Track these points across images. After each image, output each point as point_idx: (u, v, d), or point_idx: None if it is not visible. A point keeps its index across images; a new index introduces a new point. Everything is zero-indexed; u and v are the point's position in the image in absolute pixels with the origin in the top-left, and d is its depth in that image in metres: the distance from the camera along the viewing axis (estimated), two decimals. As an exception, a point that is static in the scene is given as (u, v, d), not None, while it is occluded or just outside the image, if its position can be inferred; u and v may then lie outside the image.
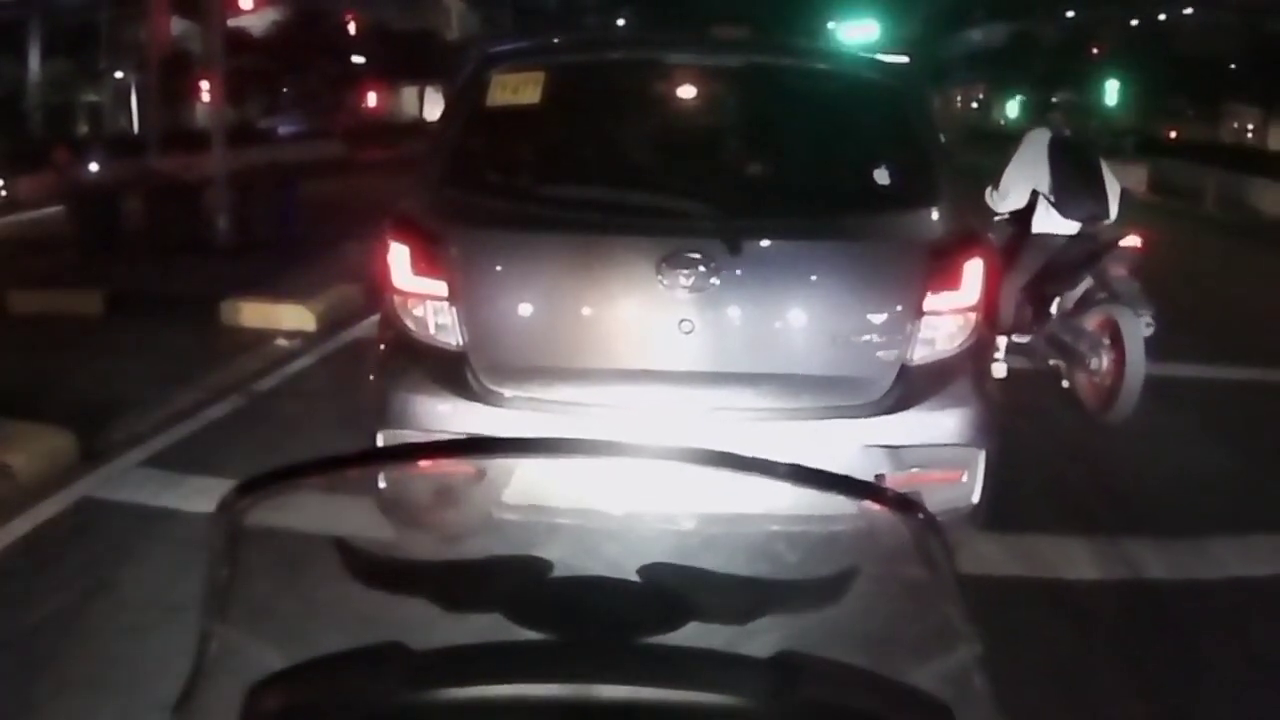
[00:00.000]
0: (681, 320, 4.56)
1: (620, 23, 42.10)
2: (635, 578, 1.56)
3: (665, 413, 4.58)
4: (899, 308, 4.67)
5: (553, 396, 4.60)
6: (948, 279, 4.68)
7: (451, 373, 4.64)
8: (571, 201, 4.95)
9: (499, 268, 4.71)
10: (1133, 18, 50.64)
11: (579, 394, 4.60)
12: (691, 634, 1.50)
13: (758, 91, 5.31)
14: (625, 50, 5.81)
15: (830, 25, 44.64)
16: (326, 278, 11.63)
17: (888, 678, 1.55)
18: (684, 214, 4.79)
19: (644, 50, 5.66)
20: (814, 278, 4.76)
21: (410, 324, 4.69)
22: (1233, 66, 45.01)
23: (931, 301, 4.65)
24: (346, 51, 43.89)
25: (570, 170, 5.22)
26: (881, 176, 5.26)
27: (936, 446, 4.68)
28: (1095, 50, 49.88)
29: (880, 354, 4.66)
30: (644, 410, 4.58)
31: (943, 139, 5.31)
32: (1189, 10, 49.88)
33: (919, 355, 4.66)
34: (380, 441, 4.62)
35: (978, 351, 4.84)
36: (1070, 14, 54.37)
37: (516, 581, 1.58)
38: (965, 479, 4.68)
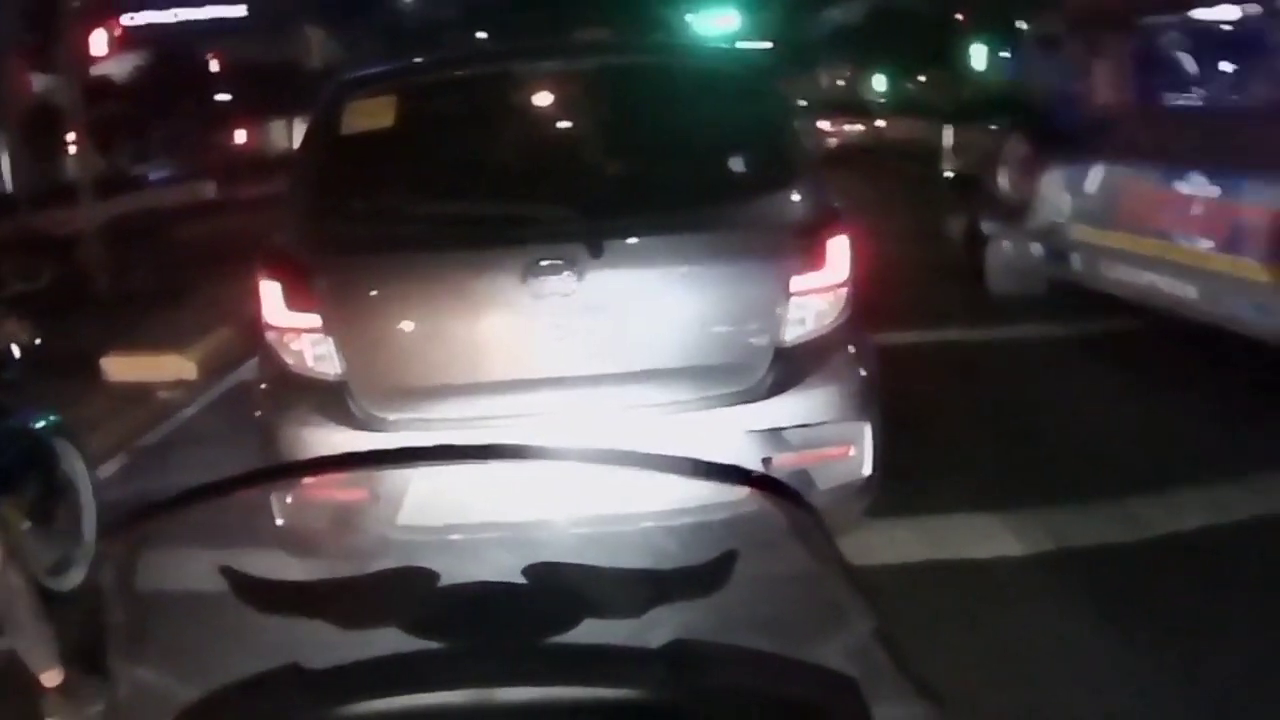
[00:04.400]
0: (552, 326, 4.64)
1: (482, 36, 41.85)
2: (519, 579, 1.59)
3: (547, 419, 4.63)
4: (767, 291, 4.76)
5: (436, 415, 4.65)
6: (813, 259, 4.77)
7: (334, 402, 4.67)
8: (433, 219, 5.05)
9: (368, 293, 4.78)
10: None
11: (461, 410, 4.64)
12: (588, 631, 1.54)
13: (611, 93, 5.45)
14: (475, 65, 5.90)
15: (690, 18, 44.24)
16: (205, 323, 11.49)
17: (787, 657, 1.60)
18: (545, 221, 4.87)
19: (494, 63, 5.80)
20: (680, 271, 4.82)
21: (289, 358, 4.72)
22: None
23: (799, 282, 4.74)
24: (212, 90, 43.28)
25: (430, 189, 5.25)
26: (738, 165, 5.32)
27: (821, 425, 4.75)
28: (960, 17, 49.76)
29: (754, 339, 4.75)
30: (526, 419, 4.62)
31: (798, 122, 5.45)
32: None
33: (792, 336, 4.73)
34: None
35: (852, 326, 4.91)
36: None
37: (408, 594, 1.60)
38: (854, 453, 4.76)
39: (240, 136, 44.96)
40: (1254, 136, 8.16)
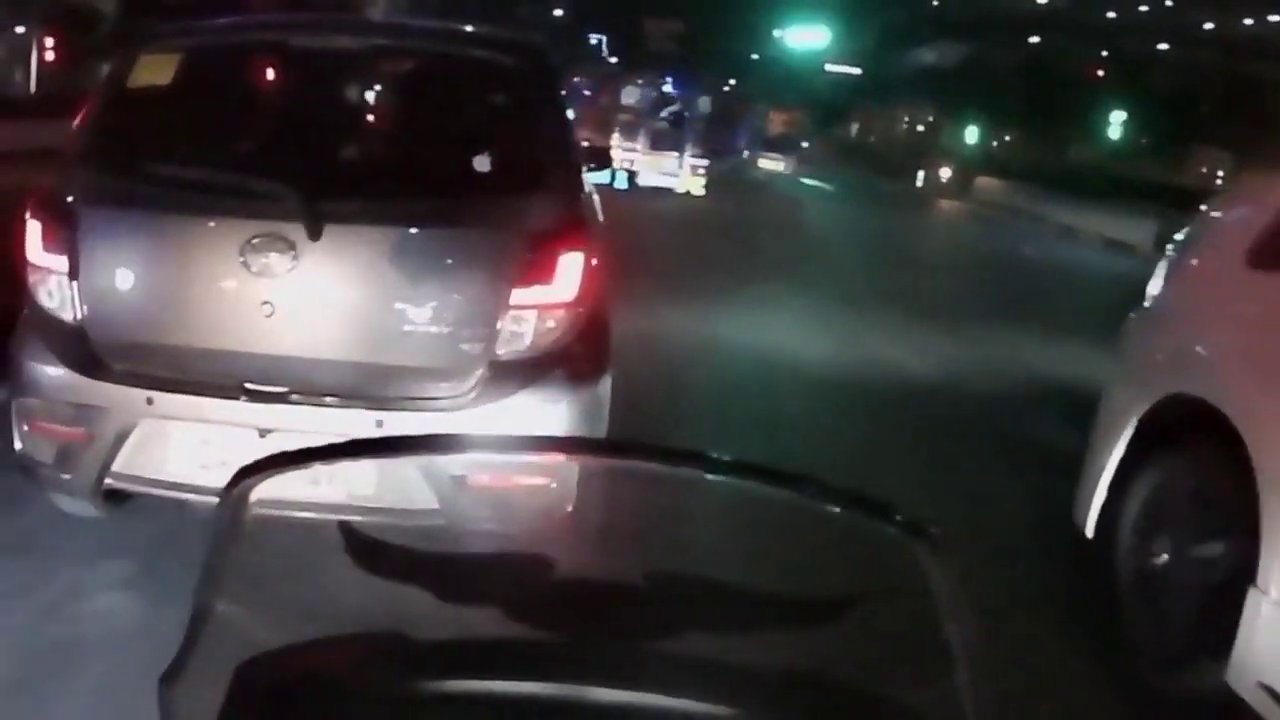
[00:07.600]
0: (262, 302, 4.48)
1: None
2: (639, 581, 1.66)
3: (249, 393, 4.45)
4: (487, 299, 4.53)
5: (155, 371, 4.55)
6: (539, 271, 4.54)
7: (71, 345, 4.61)
8: (180, 182, 4.83)
9: (109, 245, 4.69)
10: (1102, 48, 49.03)
11: (178, 370, 4.54)
12: (695, 643, 1.56)
13: (376, 75, 5.78)
14: (257, 33, 5.78)
15: (778, 32, 44.44)
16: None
17: (894, 701, 1.61)
18: (272, 196, 4.58)
19: (273, 33, 5.69)
20: (400, 265, 4.56)
21: (41, 298, 4.67)
22: (1204, 109, 43.39)
23: (520, 295, 4.51)
24: None
25: (187, 152, 5.08)
26: (485, 163, 4.98)
27: None
28: (1090, 75, 49.09)
29: (466, 346, 4.53)
30: (230, 389, 4.45)
31: (570, 120, 5.22)
32: (1164, 45, 48.12)
33: (507, 350, 4.49)
34: (14, 410, 4.69)
35: (573, 350, 4.64)
36: (1034, 40, 52.78)
37: (518, 577, 1.72)
38: (555, 486, 4.45)
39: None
40: None
